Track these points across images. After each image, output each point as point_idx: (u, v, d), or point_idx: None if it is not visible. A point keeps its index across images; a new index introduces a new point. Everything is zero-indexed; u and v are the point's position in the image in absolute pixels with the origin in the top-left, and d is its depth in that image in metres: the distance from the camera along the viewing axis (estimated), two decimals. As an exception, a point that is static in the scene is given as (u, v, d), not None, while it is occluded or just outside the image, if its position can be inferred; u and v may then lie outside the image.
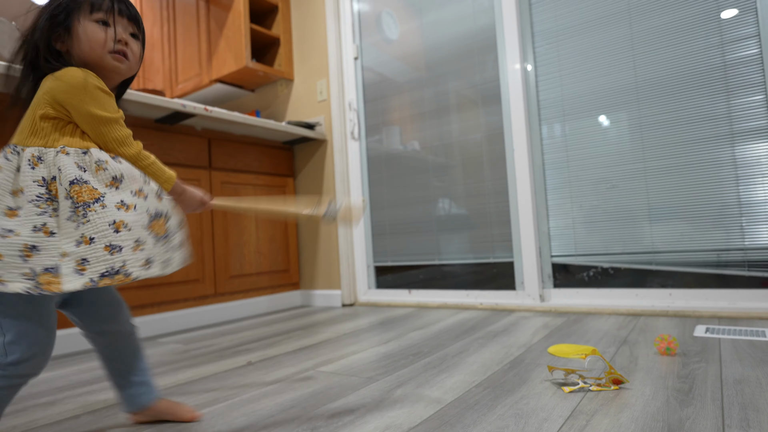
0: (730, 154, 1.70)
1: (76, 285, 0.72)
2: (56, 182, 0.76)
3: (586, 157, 1.98)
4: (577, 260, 1.99)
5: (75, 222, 0.74)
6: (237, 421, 0.94)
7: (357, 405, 0.98)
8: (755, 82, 1.66)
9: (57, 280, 0.72)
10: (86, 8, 0.82)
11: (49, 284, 0.72)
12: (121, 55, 0.86)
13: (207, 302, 2.23)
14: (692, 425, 0.79)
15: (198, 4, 2.90)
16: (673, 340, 1.21)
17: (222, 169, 2.35)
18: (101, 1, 0.83)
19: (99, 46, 0.83)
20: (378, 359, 1.35)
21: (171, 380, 1.27)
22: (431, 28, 2.40)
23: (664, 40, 1.82)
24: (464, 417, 0.89)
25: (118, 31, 0.85)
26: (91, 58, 0.83)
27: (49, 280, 0.72)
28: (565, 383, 1.04)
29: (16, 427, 0.98)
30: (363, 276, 2.57)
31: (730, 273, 1.69)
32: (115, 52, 0.85)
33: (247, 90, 2.99)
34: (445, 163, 2.36)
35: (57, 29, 0.83)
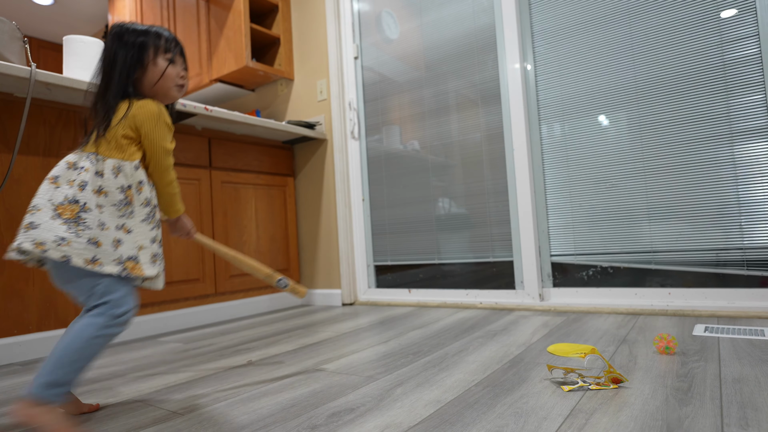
0: (729, 153, 1.70)
1: (152, 272, 1.00)
2: (131, 190, 0.99)
3: (585, 156, 1.98)
4: (576, 259, 2.00)
5: (150, 225, 1.02)
6: (237, 419, 0.94)
7: (357, 404, 0.99)
8: (754, 82, 1.66)
9: (139, 267, 0.98)
10: (160, 48, 1.06)
11: (134, 269, 0.97)
12: (181, 87, 1.12)
13: (207, 301, 2.23)
14: (691, 424, 0.79)
15: (198, 4, 2.91)
16: (672, 339, 1.22)
17: (222, 168, 2.35)
18: (170, 44, 1.08)
19: (170, 80, 1.08)
20: (378, 358, 1.36)
21: (171, 379, 1.27)
22: (431, 28, 2.40)
23: (664, 39, 1.82)
24: (464, 416, 0.89)
25: (181, 69, 1.11)
26: (161, 89, 1.08)
27: (132, 266, 0.97)
28: (564, 382, 1.04)
29: (18, 426, 0.99)
30: (363, 275, 2.58)
31: (729, 272, 1.70)
32: (179, 85, 1.11)
33: (247, 89, 2.99)
34: (445, 162, 2.36)
35: (137, 64, 1.04)
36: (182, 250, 2.13)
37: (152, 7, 3.30)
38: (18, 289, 1.63)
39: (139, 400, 1.11)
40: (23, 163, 1.67)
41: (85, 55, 1.98)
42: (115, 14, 3.68)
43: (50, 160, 1.74)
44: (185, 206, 2.16)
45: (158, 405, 1.07)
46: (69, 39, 1.98)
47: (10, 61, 1.68)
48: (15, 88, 1.62)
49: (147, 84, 1.06)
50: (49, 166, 1.73)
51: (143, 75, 1.05)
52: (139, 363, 1.49)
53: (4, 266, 1.60)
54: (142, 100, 1.02)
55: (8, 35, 1.69)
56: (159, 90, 1.07)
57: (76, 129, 1.82)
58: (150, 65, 1.05)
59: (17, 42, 1.72)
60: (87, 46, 1.99)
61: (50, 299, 1.70)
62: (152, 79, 1.06)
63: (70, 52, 1.97)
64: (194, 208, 2.20)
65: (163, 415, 0.99)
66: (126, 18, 3.55)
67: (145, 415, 1.00)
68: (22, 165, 1.67)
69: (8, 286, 1.61)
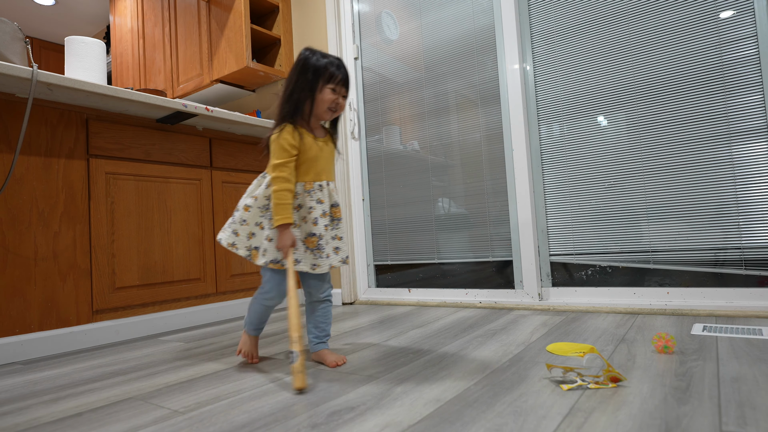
0: (728, 153, 1.71)
1: (260, 262, 1.26)
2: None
3: (584, 156, 1.99)
4: (575, 259, 2.00)
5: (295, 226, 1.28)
6: (238, 418, 0.95)
7: (357, 403, 0.99)
8: (753, 82, 1.66)
9: (257, 255, 1.27)
10: (327, 78, 1.26)
11: (254, 257, 1.28)
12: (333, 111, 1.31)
13: (208, 301, 2.24)
14: (689, 423, 0.80)
15: (199, 5, 2.91)
16: (670, 339, 1.22)
17: (223, 168, 2.36)
18: (336, 75, 1.27)
19: (325, 105, 1.28)
20: (378, 357, 1.36)
21: (172, 378, 1.28)
22: (431, 29, 2.41)
23: (662, 40, 1.82)
24: (463, 414, 0.89)
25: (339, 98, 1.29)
26: (316, 113, 1.29)
27: (254, 254, 1.28)
28: (563, 381, 1.05)
29: (19, 424, 0.99)
30: (363, 275, 2.58)
31: (728, 272, 1.70)
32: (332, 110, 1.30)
33: (247, 90, 3.00)
34: (445, 162, 2.36)
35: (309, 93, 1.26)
36: (183, 250, 2.14)
37: (153, 8, 3.31)
38: (19, 288, 1.64)
39: (140, 399, 1.11)
40: (25, 164, 1.68)
41: (87, 55, 1.99)
42: (116, 15, 3.69)
43: (52, 160, 1.75)
44: (194, 206, 2.17)
45: (159, 404, 1.07)
46: (70, 40, 1.99)
47: (11, 61, 1.69)
48: (17, 89, 1.63)
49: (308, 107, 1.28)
50: (50, 166, 1.74)
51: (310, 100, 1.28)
52: (140, 362, 1.50)
53: (6, 266, 1.61)
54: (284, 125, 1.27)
55: (10, 36, 1.70)
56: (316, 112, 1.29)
57: (77, 129, 1.83)
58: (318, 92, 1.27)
59: (19, 42, 1.73)
60: (88, 47, 2.00)
61: (52, 299, 1.71)
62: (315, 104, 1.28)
63: (71, 52, 1.98)
64: (195, 207, 2.21)
65: (164, 414, 1.00)
66: (127, 18, 3.56)
67: (147, 414, 1.01)
68: (24, 165, 1.68)
69: (10, 286, 1.61)
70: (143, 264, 1.99)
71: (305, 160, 1.27)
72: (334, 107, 1.29)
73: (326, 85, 1.26)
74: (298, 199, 1.28)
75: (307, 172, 1.28)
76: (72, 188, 1.79)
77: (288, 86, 1.28)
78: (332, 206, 1.32)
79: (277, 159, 1.23)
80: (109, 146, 1.90)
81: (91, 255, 1.83)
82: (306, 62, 1.25)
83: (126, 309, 1.93)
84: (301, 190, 1.28)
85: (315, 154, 1.29)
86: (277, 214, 1.22)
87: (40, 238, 1.70)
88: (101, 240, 1.86)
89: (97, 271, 1.84)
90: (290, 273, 1.20)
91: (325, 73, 1.25)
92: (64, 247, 1.76)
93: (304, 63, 1.26)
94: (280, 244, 1.23)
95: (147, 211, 2.02)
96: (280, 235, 1.23)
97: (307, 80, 1.25)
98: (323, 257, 1.27)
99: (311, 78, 1.25)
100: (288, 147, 1.24)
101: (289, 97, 1.27)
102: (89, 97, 1.77)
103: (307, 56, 1.26)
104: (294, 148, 1.24)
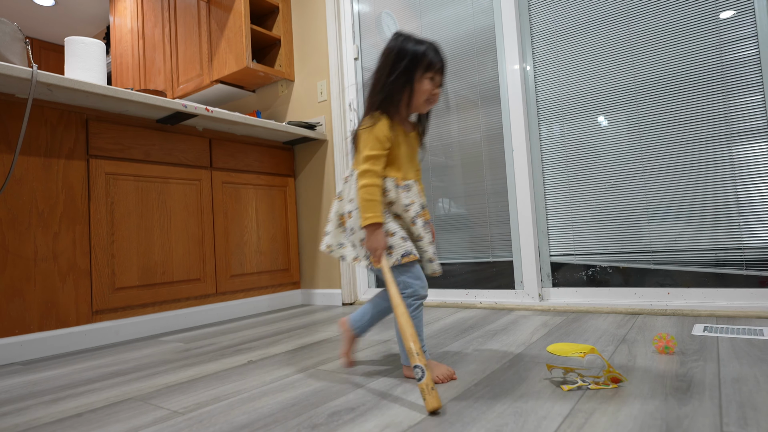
0: (728, 153, 1.71)
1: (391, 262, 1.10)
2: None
3: (584, 156, 1.98)
4: (575, 259, 2.00)
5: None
6: (238, 419, 0.95)
7: (357, 403, 0.99)
8: (753, 83, 1.66)
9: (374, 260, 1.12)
10: (426, 65, 1.13)
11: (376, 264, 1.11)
12: (430, 102, 1.18)
13: (208, 301, 2.24)
14: (690, 423, 0.80)
15: (199, 5, 2.91)
16: (671, 339, 1.22)
17: (223, 168, 2.36)
18: (435, 63, 1.14)
19: (423, 96, 1.15)
20: (378, 357, 1.36)
21: (172, 379, 1.28)
22: (431, 29, 2.41)
23: (663, 40, 1.82)
24: (463, 415, 0.89)
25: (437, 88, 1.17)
26: (413, 104, 1.16)
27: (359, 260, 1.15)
28: (564, 381, 1.05)
29: (19, 425, 0.99)
30: (363, 275, 2.58)
31: (728, 272, 1.70)
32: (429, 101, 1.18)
33: (247, 90, 3.00)
34: (445, 163, 2.36)
35: (406, 83, 1.13)
36: (183, 250, 2.13)
37: (153, 9, 3.31)
38: (19, 289, 1.63)
39: (140, 400, 1.11)
40: (25, 164, 1.68)
41: (87, 56, 1.99)
42: (116, 15, 3.69)
43: (51, 160, 1.74)
44: (194, 205, 2.17)
45: (159, 404, 1.07)
46: (70, 40, 1.99)
47: (11, 62, 1.69)
48: (16, 89, 1.63)
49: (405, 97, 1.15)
50: (50, 166, 1.74)
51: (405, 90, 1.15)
52: (140, 362, 1.50)
53: (5, 266, 1.61)
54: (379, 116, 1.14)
55: (10, 36, 1.70)
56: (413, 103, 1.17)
57: (77, 130, 1.82)
58: (415, 82, 1.14)
59: (19, 43, 1.73)
60: (88, 48, 2.00)
61: (51, 299, 1.71)
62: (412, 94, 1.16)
63: (71, 53, 1.98)
64: (195, 208, 2.21)
65: (164, 415, 1.00)
66: (127, 18, 3.56)
67: (146, 415, 1.01)
68: (24, 165, 1.68)
69: (9, 287, 1.61)
70: (143, 264, 1.99)
71: (395, 156, 1.15)
72: (432, 98, 1.17)
73: (425, 74, 1.13)
74: (390, 194, 1.14)
75: (395, 169, 1.16)
76: (72, 189, 1.79)
77: (380, 74, 1.15)
78: (421, 207, 1.18)
79: (370, 150, 1.11)
80: (108, 147, 1.90)
81: (90, 255, 1.83)
82: (402, 48, 1.12)
83: (126, 309, 1.93)
84: (391, 186, 1.14)
85: (405, 150, 1.17)
86: (367, 211, 1.08)
87: (40, 239, 1.69)
88: (101, 240, 1.86)
89: (96, 272, 1.84)
90: (389, 279, 1.07)
91: (423, 61, 1.12)
92: (64, 247, 1.76)
93: (400, 49, 1.12)
94: (371, 245, 1.09)
95: (147, 212, 2.02)
96: (370, 235, 1.09)
97: (402, 68, 1.11)
98: (423, 261, 1.17)
99: (408, 66, 1.11)
100: (383, 139, 1.11)
101: (381, 87, 1.14)
102: (89, 98, 1.76)
103: (403, 41, 1.13)
104: (388, 141, 1.12)
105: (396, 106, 1.15)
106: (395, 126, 1.16)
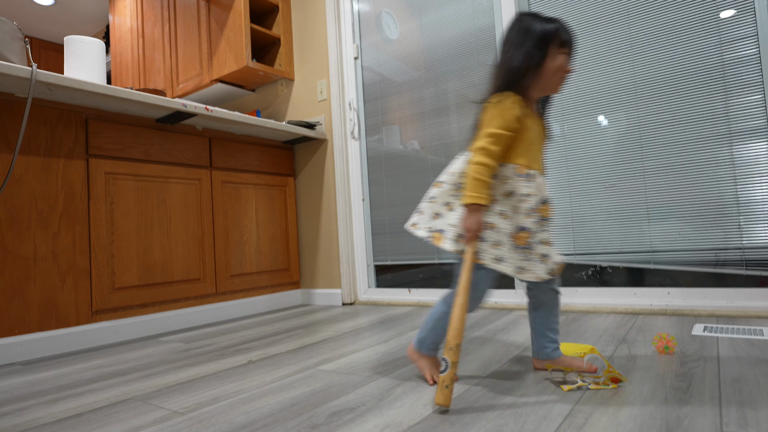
0: (728, 153, 1.70)
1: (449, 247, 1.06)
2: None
3: (584, 156, 1.98)
4: (575, 259, 2.00)
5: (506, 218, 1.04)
6: (238, 419, 0.95)
7: (357, 403, 0.99)
8: (753, 82, 1.66)
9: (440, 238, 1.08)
10: (559, 42, 1.04)
11: (435, 240, 1.08)
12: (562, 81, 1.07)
13: (208, 301, 2.24)
14: (690, 423, 0.80)
15: (199, 4, 2.91)
16: (671, 339, 1.22)
17: (223, 168, 2.36)
18: (568, 41, 1.04)
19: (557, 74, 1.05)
20: (378, 358, 1.36)
21: (172, 379, 1.28)
22: (431, 28, 2.41)
23: (663, 40, 1.82)
24: (463, 415, 0.89)
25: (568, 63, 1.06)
26: (546, 84, 1.06)
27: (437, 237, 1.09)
28: (564, 381, 1.05)
29: (19, 425, 0.99)
30: (363, 275, 2.58)
31: (728, 272, 1.70)
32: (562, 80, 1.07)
33: (247, 90, 2.99)
34: (445, 162, 2.36)
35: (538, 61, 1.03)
36: (182, 250, 2.13)
37: (153, 8, 3.30)
38: (19, 288, 1.63)
39: (140, 400, 1.11)
40: (24, 164, 1.68)
41: (86, 55, 1.99)
42: (115, 14, 3.69)
43: (51, 160, 1.74)
44: (193, 204, 2.17)
45: (159, 404, 1.07)
46: (70, 39, 1.98)
47: (11, 61, 1.69)
48: (16, 89, 1.63)
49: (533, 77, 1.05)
50: (50, 166, 1.74)
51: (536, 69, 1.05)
52: (139, 362, 1.50)
53: (5, 266, 1.61)
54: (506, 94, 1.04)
55: (9, 35, 1.70)
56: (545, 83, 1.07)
57: (76, 129, 1.82)
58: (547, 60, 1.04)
59: (18, 42, 1.73)
60: (88, 47, 2.00)
61: (51, 299, 1.71)
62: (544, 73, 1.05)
63: (70, 52, 1.98)
64: (194, 207, 2.21)
65: (164, 415, 1.00)
66: (126, 18, 3.55)
67: (146, 415, 1.01)
68: (23, 165, 1.67)
69: (9, 286, 1.61)
70: (143, 264, 1.99)
71: (523, 140, 1.05)
72: (564, 77, 1.07)
73: (559, 50, 1.04)
74: (508, 184, 1.04)
75: (521, 155, 1.05)
76: (71, 188, 1.79)
77: (508, 52, 1.06)
78: (542, 202, 1.06)
79: (495, 128, 1.01)
80: (108, 146, 1.90)
81: (90, 255, 1.83)
82: (532, 25, 1.05)
83: (125, 309, 1.93)
84: (511, 174, 1.04)
85: (534, 135, 1.07)
86: (472, 190, 1.00)
87: (40, 239, 1.69)
88: (101, 240, 1.86)
89: (96, 272, 1.84)
90: (467, 266, 1.00)
91: (557, 38, 1.04)
92: (64, 247, 1.75)
93: (530, 26, 1.05)
94: (467, 224, 1.01)
95: (146, 211, 2.02)
96: (468, 214, 1.01)
97: (534, 46, 1.03)
98: (533, 260, 1.04)
99: (539, 43, 1.03)
100: (512, 119, 1.02)
101: (510, 65, 1.05)
102: (89, 97, 1.76)
103: (531, 19, 1.06)
104: (517, 122, 1.03)
105: (528, 86, 1.05)
106: (526, 109, 1.06)
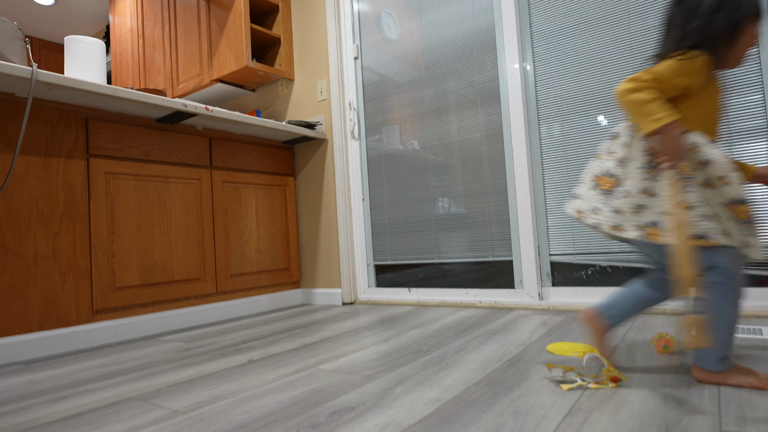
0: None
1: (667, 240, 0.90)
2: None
3: (584, 156, 1.98)
4: (575, 259, 2.00)
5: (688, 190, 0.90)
6: (238, 418, 0.95)
7: (357, 402, 0.99)
8: (753, 82, 1.66)
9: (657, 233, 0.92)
10: (757, 16, 0.96)
11: (652, 237, 0.93)
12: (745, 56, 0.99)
13: (208, 301, 2.24)
14: (690, 423, 0.80)
15: (199, 4, 2.91)
16: (670, 339, 1.22)
17: (223, 168, 2.36)
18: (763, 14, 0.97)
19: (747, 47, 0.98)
20: (378, 357, 1.36)
21: (172, 378, 1.28)
22: (431, 28, 2.41)
23: (663, 39, 1.82)
24: (463, 414, 0.89)
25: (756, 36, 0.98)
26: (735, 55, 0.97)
27: (653, 233, 0.93)
28: (563, 381, 1.05)
29: (19, 424, 0.99)
30: (363, 274, 2.58)
31: (728, 272, 1.70)
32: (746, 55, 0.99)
33: (247, 90, 2.99)
34: (445, 162, 2.36)
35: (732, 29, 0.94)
36: (183, 249, 2.14)
37: (153, 7, 3.30)
38: (19, 288, 1.64)
39: (141, 399, 1.11)
40: (24, 163, 1.68)
41: (86, 55, 1.99)
42: (115, 14, 3.69)
43: (51, 160, 1.74)
44: (194, 204, 2.17)
45: (159, 404, 1.07)
46: (70, 39, 1.98)
47: (11, 61, 1.69)
48: (16, 88, 1.63)
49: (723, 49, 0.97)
50: (50, 166, 1.74)
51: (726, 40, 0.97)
52: (140, 362, 1.50)
53: (6, 266, 1.61)
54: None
55: (9, 35, 1.70)
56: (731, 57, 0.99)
57: (77, 129, 1.82)
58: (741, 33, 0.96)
59: (18, 42, 1.73)
60: (88, 47, 2.00)
61: (51, 299, 1.71)
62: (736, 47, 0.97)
63: (71, 52, 1.98)
64: (195, 207, 2.21)
65: (164, 414, 1.00)
66: (126, 18, 3.55)
67: (147, 414, 1.01)
68: (24, 165, 1.68)
69: (10, 286, 1.61)
70: (143, 264, 1.99)
71: (705, 106, 0.95)
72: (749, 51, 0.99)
73: (755, 24, 0.96)
74: (702, 152, 0.91)
75: (700, 124, 0.95)
76: (72, 188, 1.79)
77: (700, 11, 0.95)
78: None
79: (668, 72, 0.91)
80: (108, 146, 1.90)
81: (90, 255, 1.83)
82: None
83: (126, 309, 1.93)
84: (704, 141, 0.93)
85: (715, 105, 0.97)
86: (652, 114, 0.88)
87: (40, 238, 1.70)
88: (101, 240, 1.86)
89: (97, 271, 1.84)
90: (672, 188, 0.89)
91: (755, 10, 0.95)
92: (64, 246, 1.76)
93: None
94: (668, 148, 0.88)
95: (147, 211, 2.02)
96: (665, 138, 0.88)
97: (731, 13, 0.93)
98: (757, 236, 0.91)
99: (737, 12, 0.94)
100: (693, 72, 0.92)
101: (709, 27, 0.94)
102: (89, 97, 1.76)
103: None
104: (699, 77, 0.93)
105: (720, 54, 0.96)
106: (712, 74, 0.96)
